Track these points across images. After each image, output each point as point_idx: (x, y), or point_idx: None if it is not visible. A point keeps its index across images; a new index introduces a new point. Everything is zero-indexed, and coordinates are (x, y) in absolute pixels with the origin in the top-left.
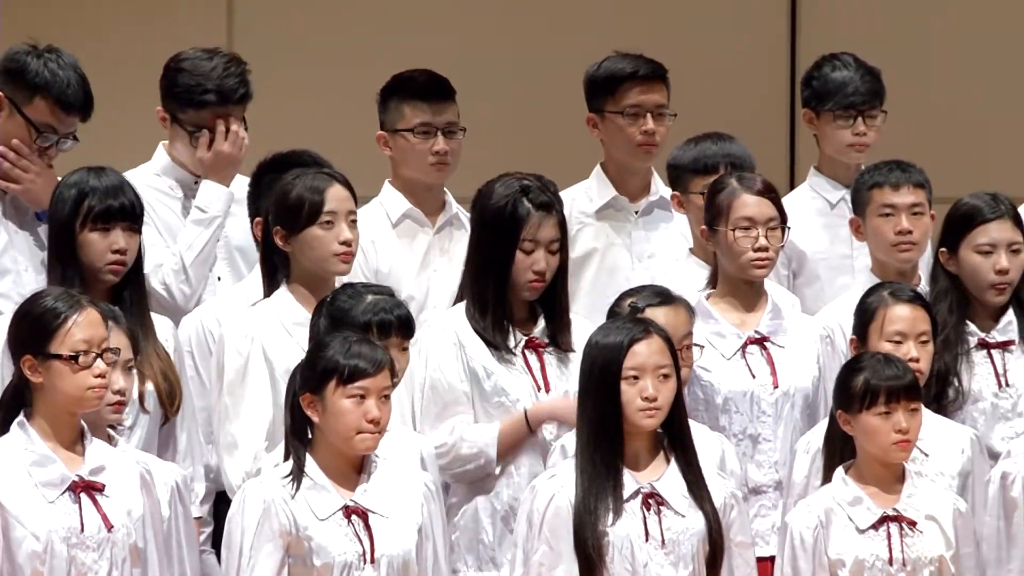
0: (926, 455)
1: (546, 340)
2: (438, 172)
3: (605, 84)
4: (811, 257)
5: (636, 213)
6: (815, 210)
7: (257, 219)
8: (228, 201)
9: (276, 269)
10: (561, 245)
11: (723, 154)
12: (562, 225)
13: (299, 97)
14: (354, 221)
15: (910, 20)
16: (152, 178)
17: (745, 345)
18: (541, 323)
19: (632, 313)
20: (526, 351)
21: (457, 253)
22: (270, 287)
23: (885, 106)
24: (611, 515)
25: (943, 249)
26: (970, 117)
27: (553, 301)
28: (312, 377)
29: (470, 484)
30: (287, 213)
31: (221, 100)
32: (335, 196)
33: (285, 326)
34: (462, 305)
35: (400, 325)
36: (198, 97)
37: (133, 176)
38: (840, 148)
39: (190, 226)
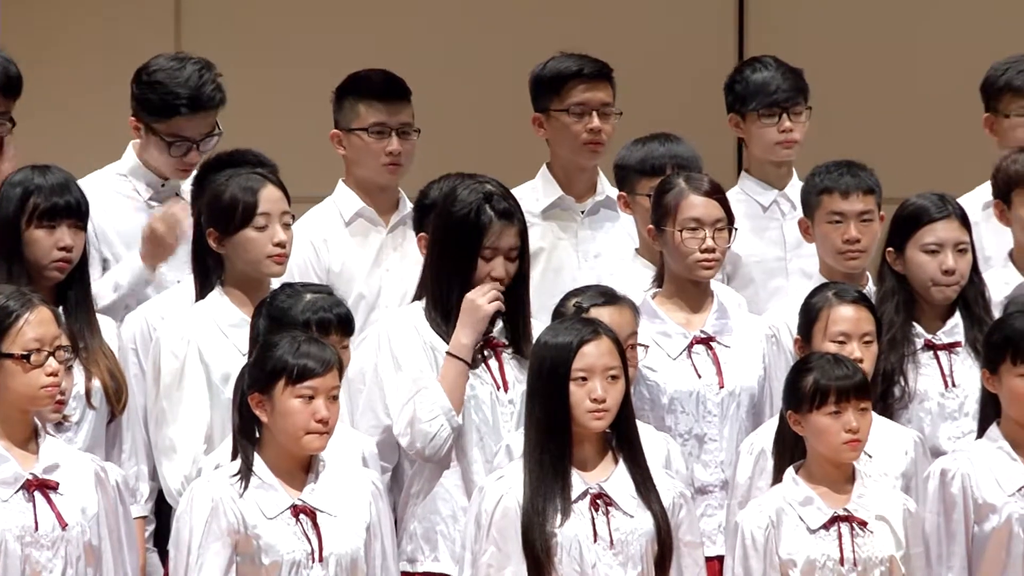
0: (869, 456)
1: (504, 340)
2: (391, 172)
3: (551, 83)
4: (745, 260)
5: (582, 213)
6: (747, 213)
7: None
8: (140, 280)
9: (209, 271)
10: (521, 252)
11: (670, 155)
12: (523, 233)
13: (251, 96)
14: (288, 223)
15: (858, 22)
16: (117, 180)
17: (691, 345)
18: (499, 323)
19: (577, 313)
20: (485, 351)
21: (410, 252)
22: (203, 289)
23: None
24: (559, 516)
25: (890, 249)
26: (918, 117)
27: (516, 308)
28: (261, 377)
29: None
30: (220, 215)
31: (197, 107)
32: (268, 197)
33: (221, 328)
34: (420, 303)
35: (340, 323)
36: (174, 108)
37: (97, 177)
38: (768, 147)
39: (105, 279)
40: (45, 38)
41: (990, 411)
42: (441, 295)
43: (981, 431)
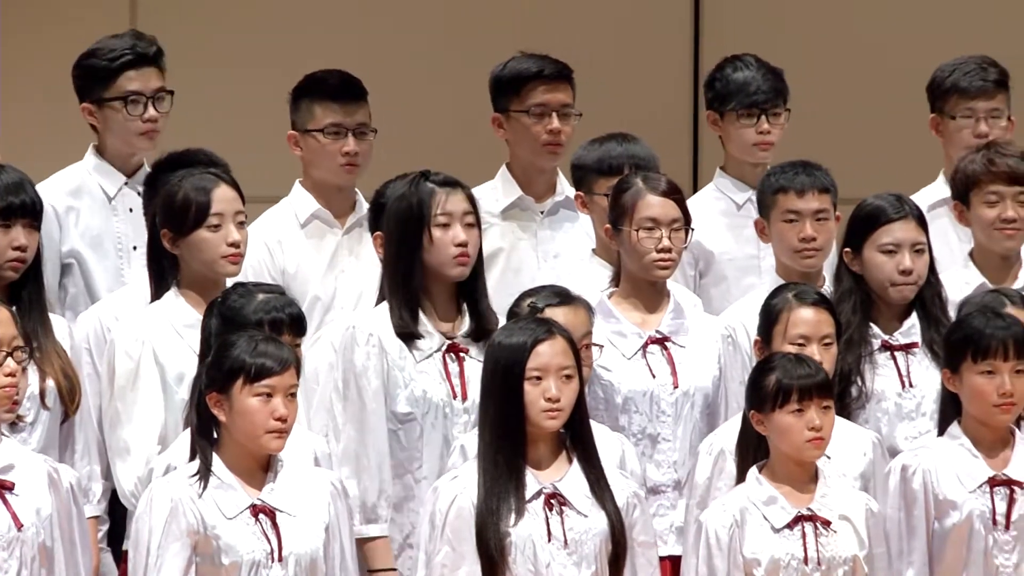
0: (828, 457)
1: (469, 343)
2: (348, 173)
3: (510, 84)
4: (718, 257)
5: (542, 213)
6: (721, 211)
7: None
8: None
9: (165, 271)
10: (476, 220)
11: (627, 155)
12: (471, 200)
13: (208, 97)
14: (242, 222)
15: (813, 21)
16: (79, 179)
17: (646, 345)
18: (466, 323)
19: (532, 313)
20: (447, 356)
21: (365, 254)
22: (158, 289)
23: (791, 106)
24: (513, 515)
25: (847, 249)
26: (875, 118)
27: (475, 284)
28: (218, 376)
29: None
30: (173, 216)
31: (139, 59)
32: (222, 197)
33: (176, 328)
34: (384, 306)
35: (292, 323)
36: (117, 64)
37: (59, 177)
38: (745, 148)
39: None
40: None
41: (950, 410)
42: (395, 278)
43: (941, 430)
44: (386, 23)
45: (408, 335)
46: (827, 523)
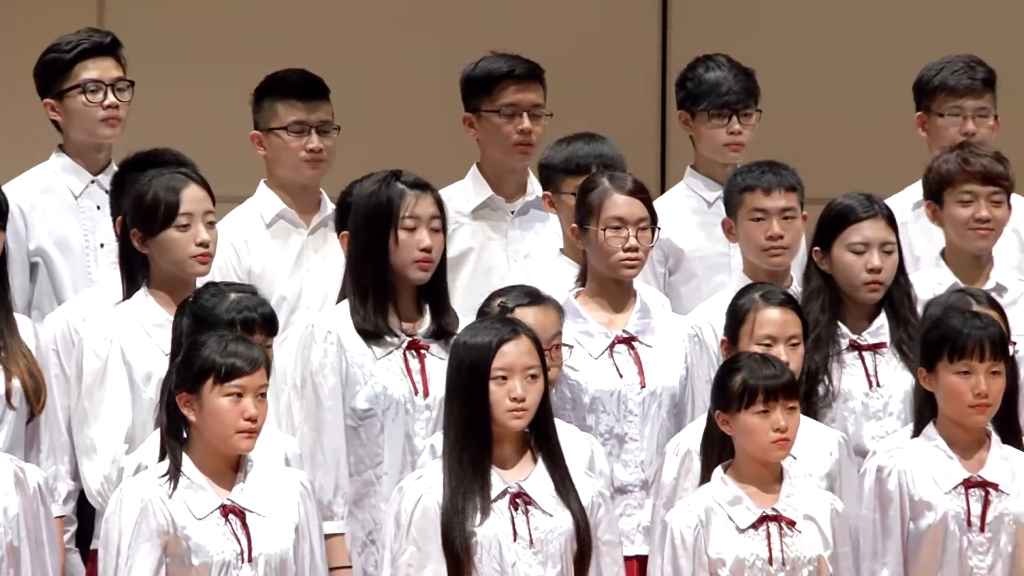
0: (794, 457)
1: (430, 340)
2: (312, 170)
3: (481, 83)
4: (688, 255)
5: (512, 213)
6: (691, 208)
7: (119, 217)
8: None
9: (135, 271)
10: (442, 224)
11: (595, 154)
12: (440, 204)
13: (173, 96)
14: (212, 222)
15: (781, 20)
16: (46, 180)
17: (613, 344)
18: (426, 321)
19: (501, 313)
20: (407, 353)
21: (331, 254)
22: (129, 289)
23: (761, 108)
24: (479, 515)
25: (816, 248)
26: (844, 118)
27: (437, 286)
28: (188, 376)
29: None
30: (143, 215)
31: (96, 47)
32: (191, 197)
33: (145, 328)
34: (345, 303)
35: (264, 323)
36: (72, 54)
37: (27, 177)
38: (716, 148)
39: None
40: None
41: (926, 411)
42: (359, 278)
43: (917, 431)
44: (355, 23)
45: (369, 333)
46: (792, 523)
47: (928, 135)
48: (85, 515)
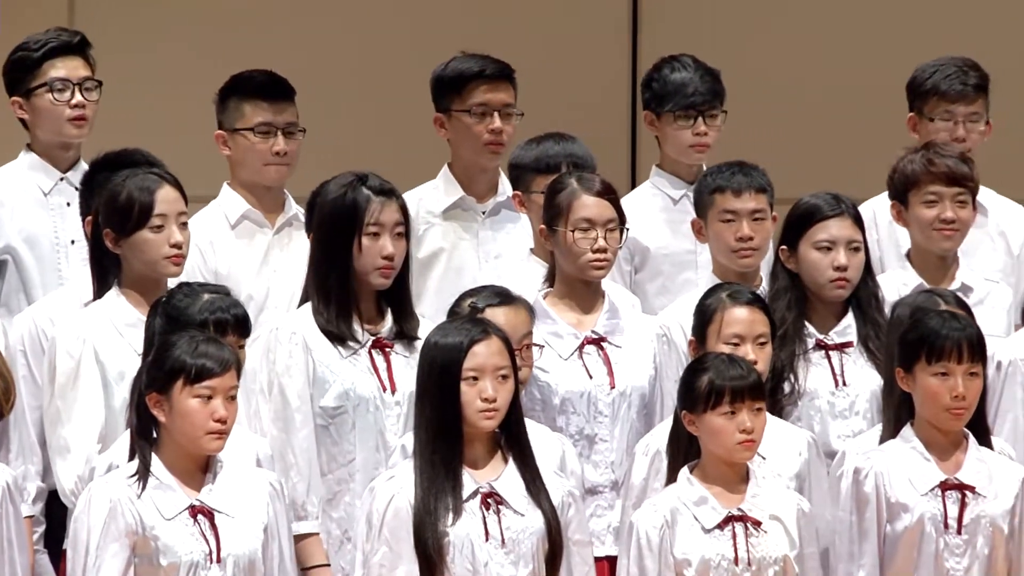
0: (763, 458)
1: (392, 340)
2: (277, 173)
3: (452, 83)
4: (654, 253)
5: (483, 213)
6: (657, 207)
7: (88, 217)
8: None
9: (107, 271)
10: (406, 230)
11: (565, 154)
12: (404, 210)
13: (140, 96)
14: (185, 223)
15: (750, 21)
16: (15, 177)
17: (582, 345)
18: (388, 322)
19: (472, 313)
20: (373, 351)
21: (296, 253)
22: (100, 288)
23: (728, 106)
24: (451, 515)
25: (783, 247)
26: (810, 119)
27: (399, 291)
28: (159, 376)
29: None
30: (116, 215)
31: (63, 48)
32: (164, 198)
33: (117, 328)
34: (308, 305)
35: (237, 323)
36: (40, 53)
37: None
38: (681, 149)
39: None
40: None
41: (902, 411)
42: (323, 281)
43: (894, 432)
44: (326, 22)
45: (333, 334)
46: (758, 523)
47: (919, 137)
48: (55, 516)
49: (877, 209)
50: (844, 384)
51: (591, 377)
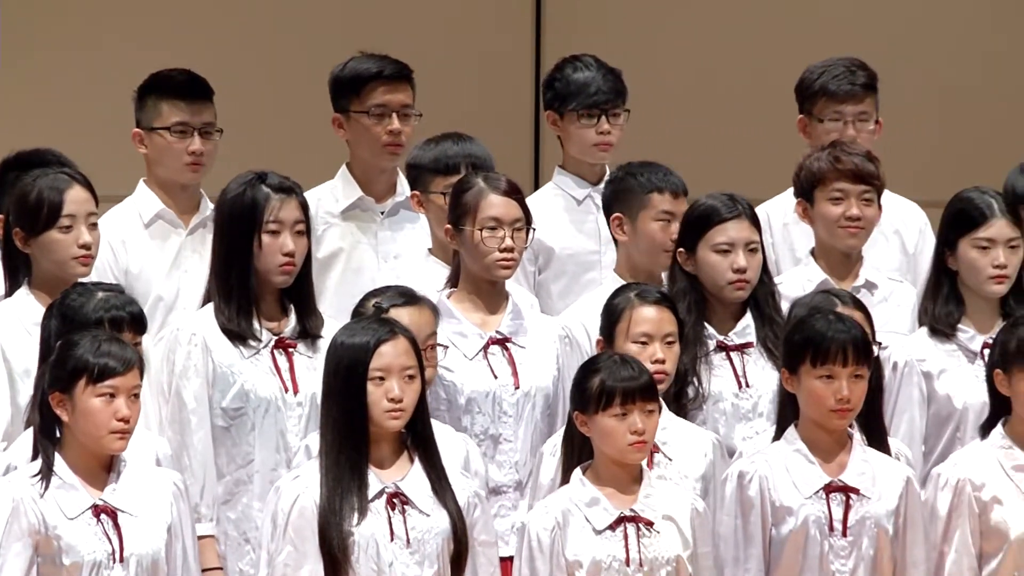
0: (670, 459)
1: (295, 339)
2: (192, 173)
3: (350, 84)
4: (558, 253)
5: (382, 214)
6: (561, 207)
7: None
8: None
9: (18, 269)
10: (306, 227)
11: (464, 154)
12: (304, 207)
13: (54, 94)
14: (94, 224)
15: (652, 23)
16: None
17: (487, 345)
18: (291, 321)
19: (376, 313)
20: (275, 351)
21: (209, 254)
22: (11, 287)
23: (629, 108)
24: (356, 515)
25: (681, 249)
26: (710, 119)
27: (301, 288)
28: (62, 376)
29: None
30: (26, 215)
31: None
32: (74, 198)
33: (25, 326)
34: (210, 305)
35: (132, 321)
36: None
37: None
38: (585, 148)
39: None
40: None
41: (788, 412)
42: (224, 280)
43: (780, 432)
44: (228, 22)
45: (234, 333)
46: (650, 524)
47: (809, 139)
48: None
49: (771, 211)
50: (747, 385)
51: (496, 377)
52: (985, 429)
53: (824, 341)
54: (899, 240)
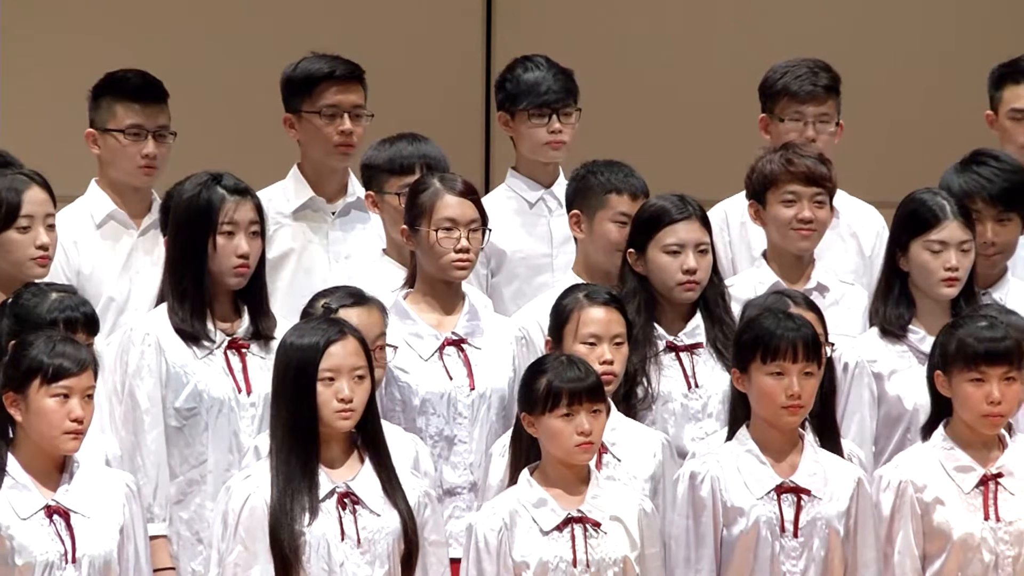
0: (619, 460)
1: (249, 340)
2: (146, 174)
3: (302, 84)
4: (510, 256)
5: (333, 214)
6: (514, 209)
7: None
8: None
9: None
10: (261, 229)
11: (419, 155)
12: (259, 209)
13: (4, 93)
14: (52, 225)
15: (604, 23)
16: None
17: (442, 346)
18: (244, 322)
19: (326, 314)
20: (228, 352)
21: (161, 255)
22: None
23: (580, 107)
24: (307, 515)
25: (631, 250)
26: (664, 118)
27: (254, 289)
28: (16, 376)
29: None
30: None
31: None
32: (32, 199)
33: None
34: (164, 305)
35: (86, 322)
36: None
37: None
38: (536, 147)
39: None
40: None
41: (739, 412)
42: (177, 281)
43: (731, 432)
44: (181, 22)
45: (187, 334)
46: (597, 524)
47: (770, 138)
48: None
49: (728, 211)
50: (696, 386)
51: (451, 378)
52: (927, 430)
53: (773, 338)
54: (856, 243)
